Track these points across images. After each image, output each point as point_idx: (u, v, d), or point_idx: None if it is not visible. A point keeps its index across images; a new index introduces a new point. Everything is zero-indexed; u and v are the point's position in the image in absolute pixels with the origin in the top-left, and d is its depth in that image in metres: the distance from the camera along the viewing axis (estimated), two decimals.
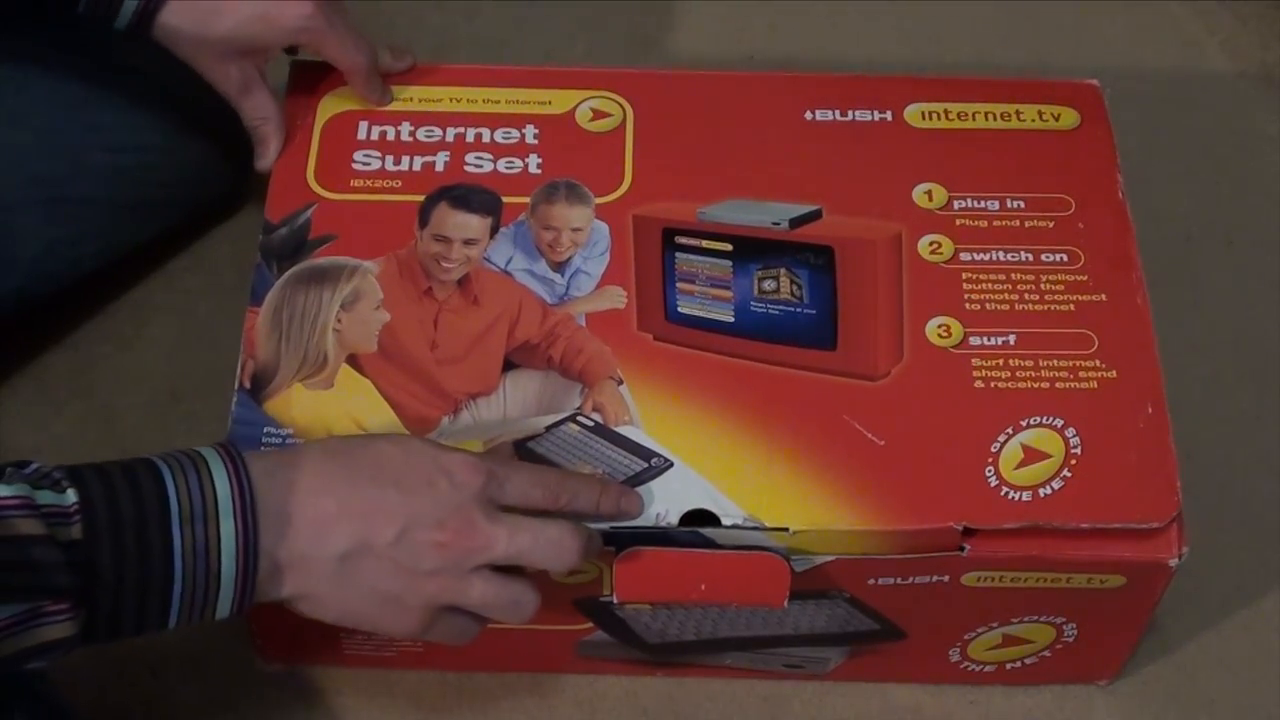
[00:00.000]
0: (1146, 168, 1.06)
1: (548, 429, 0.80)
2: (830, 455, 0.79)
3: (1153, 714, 0.90)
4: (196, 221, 1.05)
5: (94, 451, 0.70)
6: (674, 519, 0.76)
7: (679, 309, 0.84)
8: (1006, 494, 0.78)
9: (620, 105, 0.91)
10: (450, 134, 0.90)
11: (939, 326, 0.83)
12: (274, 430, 0.79)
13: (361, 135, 0.90)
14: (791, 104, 0.91)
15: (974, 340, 0.83)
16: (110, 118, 0.95)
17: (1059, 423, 0.80)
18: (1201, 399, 0.99)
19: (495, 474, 0.72)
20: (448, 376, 0.82)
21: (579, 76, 0.93)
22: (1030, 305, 0.84)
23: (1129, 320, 0.83)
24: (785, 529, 0.76)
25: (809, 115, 0.91)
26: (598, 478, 0.77)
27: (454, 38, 1.17)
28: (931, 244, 0.86)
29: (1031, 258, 0.85)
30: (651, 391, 0.81)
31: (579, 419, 0.80)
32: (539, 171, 0.89)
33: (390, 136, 0.90)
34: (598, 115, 0.91)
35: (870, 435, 0.79)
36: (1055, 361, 0.82)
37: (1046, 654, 0.86)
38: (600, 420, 0.80)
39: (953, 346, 0.82)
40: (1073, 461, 0.79)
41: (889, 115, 0.91)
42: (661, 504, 0.77)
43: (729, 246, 0.85)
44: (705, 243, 0.85)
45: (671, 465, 0.78)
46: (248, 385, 0.81)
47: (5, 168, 0.91)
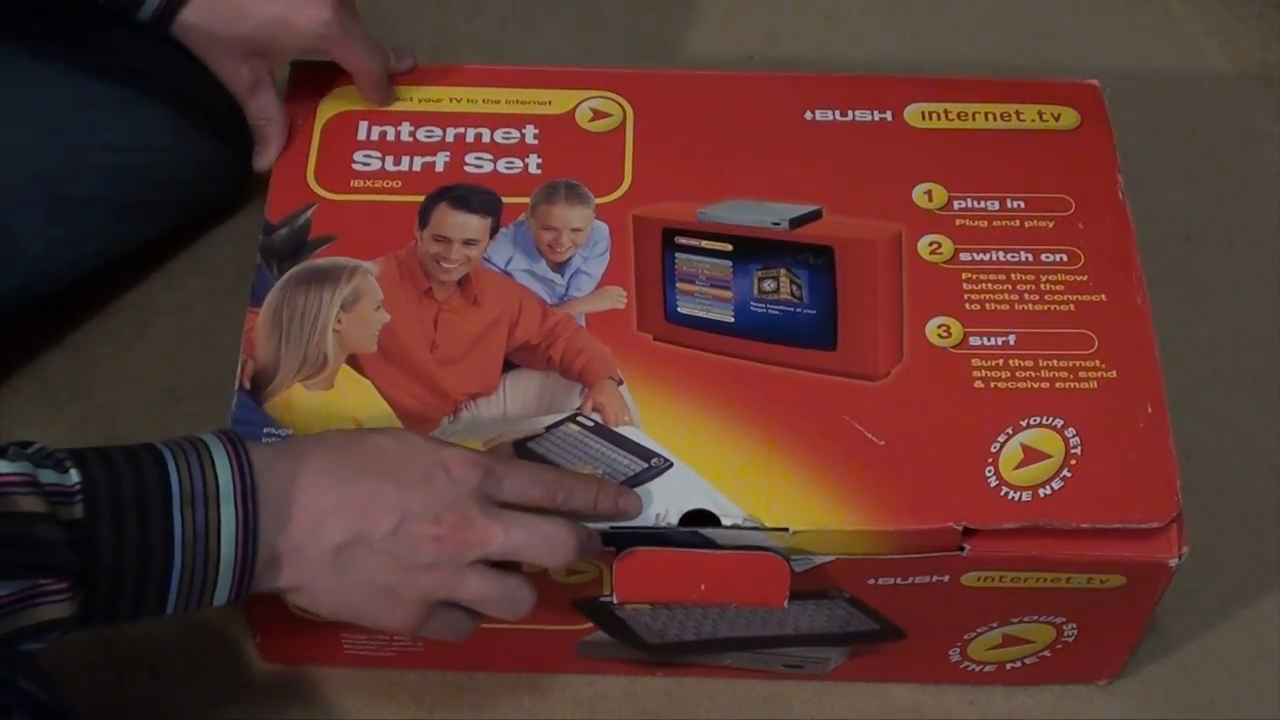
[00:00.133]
0: (1146, 168, 1.06)
1: (548, 429, 0.80)
2: (830, 455, 0.79)
3: (1153, 714, 0.90)
4: (196, 221, 1.05)
5: None
6: (674, 519, 0.76)
7: (679, 309, 0.84)
8: (1006, 494, 0.78)
9: (620, 105, 0.91)
10: (450, 134, 0.90)
11: (939, 326, 0.83)
12: (274, 431, 0.79)
13: (361, 135, 0.90)
14: (791, 104, 0.91)
15: (974, 340, 0.83)
16: (110, 118, 0.95)
17: (1059, 423, 0.80)
18: (1201, 399, 0.99)
19: (493, 470, 0.72)
20: (448, 377, 0.82)
21: (579, 76, 0.93)
22: (1030, 305, 0.84)
23: (1129, 320, 0.83)
24: (785, 529, 0.76)
25: (809, 115, 0.91)
26: (596, 477, 0.77)
27: (454, 38, 1.17)
28: (931, 244, 0.86)
29: (1031, 258, 0.85)
30: (651, 392, 0.81)
31: (579, 419, 0.80)
32: (539, 172, 0.89)
33: (390, 137, 0.90)
34: (598, 115, 0.91)
35: (870, 435, 0.79)
36: (1055, 361, 0.82)
37: (1046, 654, 0.86)
38: (600, 420, 0.80)
39: (953, 346, 0.82)
40: (1073, 461, 0.79)
41: (889, 115, 0.91)
42: (661, 504, 0.77)
43: (729, 247, 0.85)
44: (705, 243, 0.85)
45: (671, 465, 0.78)
46: (248, 386, 0.81)
47: (5, 168, 0.91)
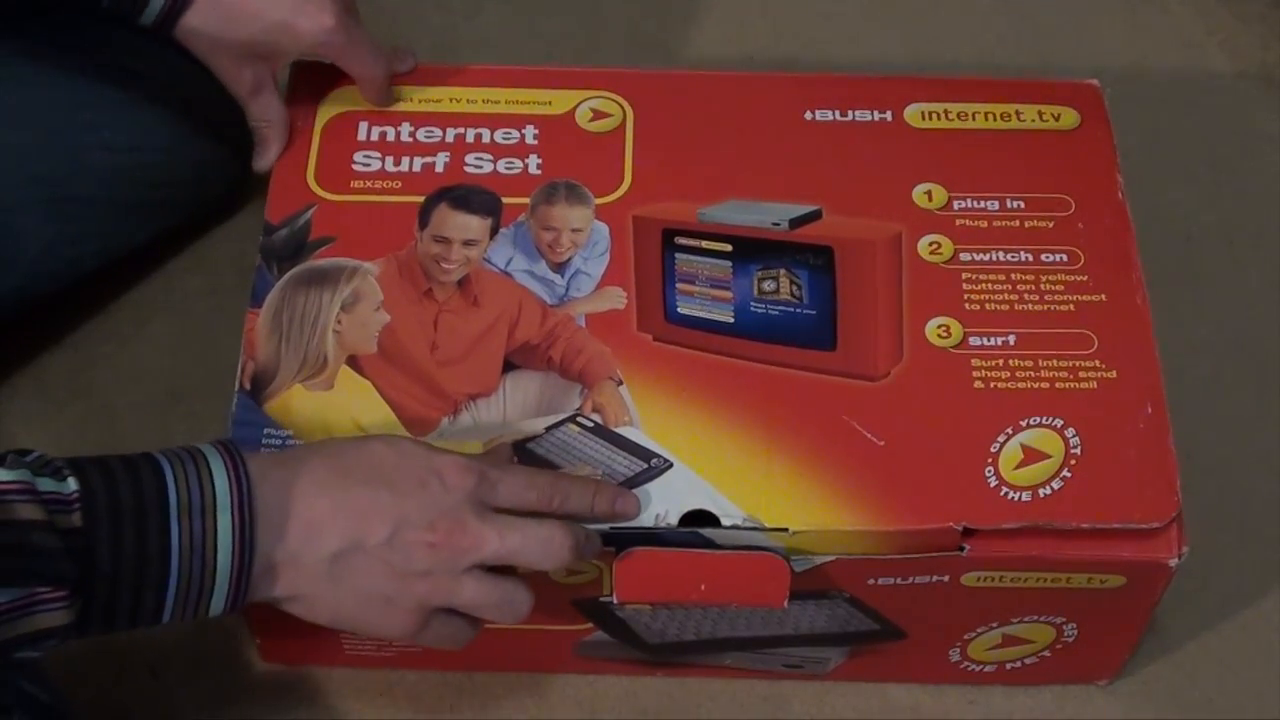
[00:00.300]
0: (1146, 168, 1.06)
1: (547, 430, 0.80)
2: (830, 455, 0.79)
3: (1153, 714, 0.90)
4: (196, 221, 1.05)
5: (94, 451, 0.70)
6: (674, 520, 0.76)
7: (679, 309, 0.84)
8: (1006, 494, 0.78)
9: (620, 105, 0.91)
10: (450, 134, 0.90)
11: (939, 327, 0.83)
12: (274, 431, 0.79)
13: (361, 136, 0.90)
14: (791, 104, 0.91)
15: (974, 340, 0.83)
16: (110, 118, 0.95)
17: (1059, 423, 0.80)
18: (1201, 399, 0.99)
19: (487, 476, 0.72)
20: (448, 378, 0.82)
21: (579, 76, 0.93)
22: (1030, 305, 0.84)
23: (1129, 320, 0.83)
24: (785, 529, 0.76)
25: (809, 115, 0.91)
26: (592, 480, 0.77)
27: (454, 38, 1.17)
28: (931, 244, 0.86)
29: (1031, 258, 0.85)
30: (651, 392, 0.81)
31: (579, 420, 0.80)
32: (539, 172, 0.89)
33: (390, 137, 0.90)
34: (598, 115, 0.91)
35: (870, 435, 0.79)
36: (1055, 361, 0.82)
37: (1046, 654, 0.86)
38: (600, 421, 0.80)
39: (952, 347, 0.82)
40: (1072, 462, 0.79)
41: (889, 115, 0.91)
42: (661, 505, 0.77)
43: (729, 247, 0.85)
44: (705, 243, 0.85)
45: (671, 466, 0.78)
46: (248, 386, 0.81)
47: (5, 168, 0.91)
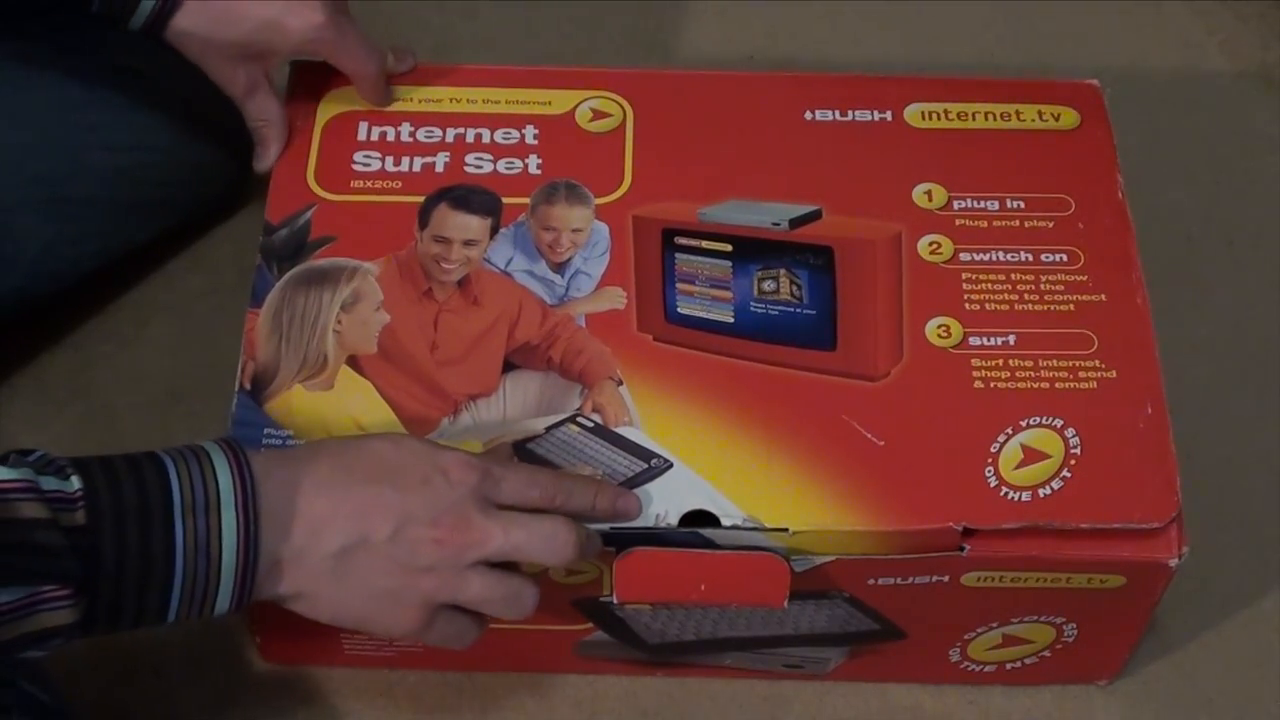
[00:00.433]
0: (1146, 168, 1.06)
1: (547, 430, 0.80)
2: (830, 455, 0.79)
3: (1153, 714, 0.90)
4: (196, 221, 1.05)
5: (94, 452, 0.70)
6: (674, 520, 0.76)
7: (679, 310, 0.84)
8: (1006, 494, 0.78)
9: (620, 105, 0.91)
10: (450, 134, 0.90)
11: (939, 327, 0.83)
12: (274, 431, 0.79)
13: (362, 136, 0.90)
14: (791, 104, 0.91)
15: (974, 340, 0.83)
16: (110, 118, 0.95)
17: (1059, 423, 0.80)
18: (1201, 399, 0.99)
19: (490, 472, 0.72)
20: (448, 377, 0.82)
21: (579, 76, 0.93)
22: (1030, 305, 0.84)
23: (1129, 320, 0.83)
24: (785, 529, 0.76)
25: (809, 115, 0.91)
26: (594, 478, 0.77)
27: (454, 38, 1.17)
28: (931, 244, 0.86)
29: (1031, 258, 0.85)
30: (651, 392, 0.81)
31: (579, 420, 0.80)
32: (539, 172, 0.89)
33: (390, 137, 0.90)
34: (598, 115, 0.91)
35: (870, 435, 0.79)
36: (1055, 362, 0.82)
37: (1046, 654, 0.86)
38: (600, 421, 0.80)
39: (952, 347, 0.82)
40: (1072, 462, 0.79)
41: (889, 115, 0.91)
42: (661, 505, 0.77)
43: (729, 247, 0.85)
44: (705, 243, 0.85)
45: (671, 466, 0.78)
46: (248, 386, 0.81)
47: (5, 168, 0.91)
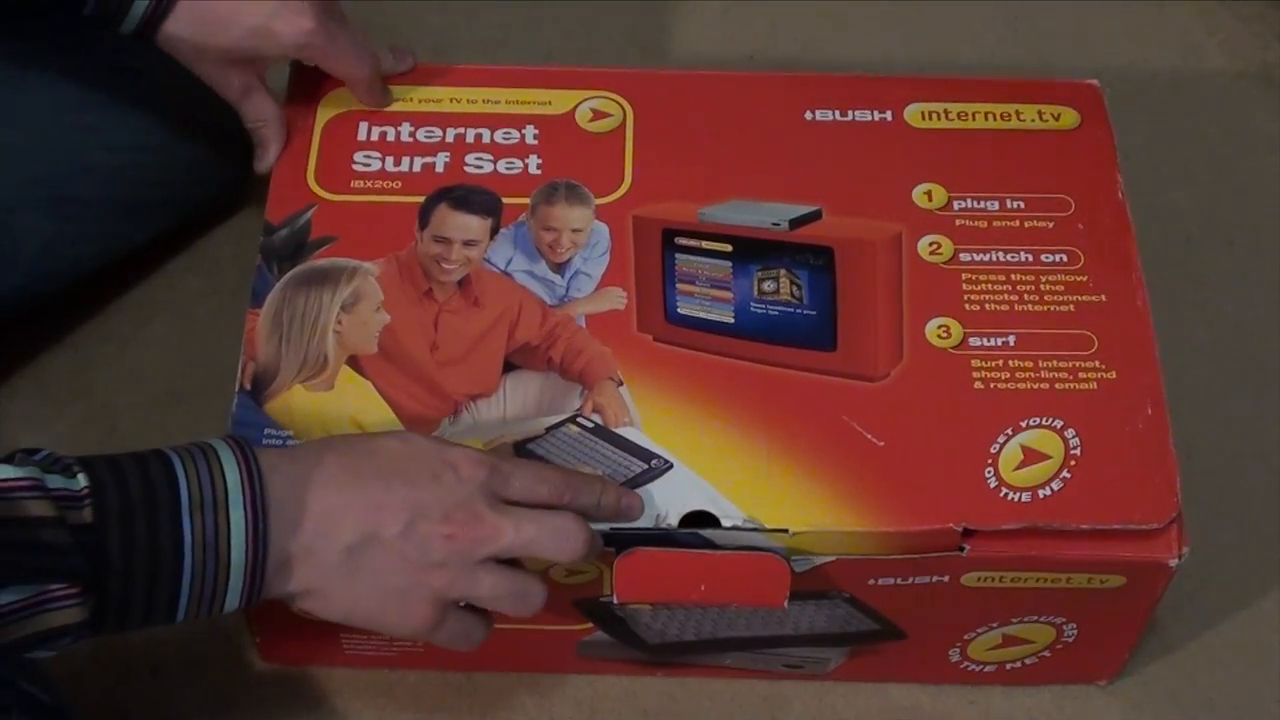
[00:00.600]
0: (1146, 168, 1.06)
1: (548, 430, 0.80)
2: (830, 456, 0.79)
3: (1153, 714, 0.90)
4: (197, 221, 1.05)
5: (94, 452, 0.70)
6: (674, 520, 0.76)
7: (679, 310, 0.84)
8: (1006, 495, 0.78)
9: (620, 105, 0.91)
10: (450, 135, 0.90)
11: (939, 327, 0.83)
12: (274, 431, 0.79)
13: (362, 136, 0.90)
14: (791, 104, 0.91)
15: (974, 341, 0.83)
16: (110, 118, 0.95)
17: (1058, 423, 0.80)
18: (1201, 399, 0.99)
19: (499, 468, 0.73)
20: (448, 378, 0.82)
21: (579, 76, 0.93)
22: (1030, 306, 0.84)
23: (1129, 320, 0.83)
24: (785, 530, 0.76)
25: (809, 115, 0.91)
26: (600, 477, 0.77)
27: (454, 38, 1.17)
28: (931, 244, 0.86)
29: (1031, 258, 0.85)
30: (651, 393, 0.81)
31: (579, 420, 0.80)
32: (539, 172, 0.89)
33: (390, 137, 0.90)
34: (598, 115, 0.91)
35: (870, 436, 0.79)
36: (1055, 362, 0.82)
37: (1046, 654, 0.86)
38: (600, 421, 0.80)
39: (952, 347, 0.82)
40: (1072, 462, 0.79)
41: (889, 115, 0.91)
42: (661, 505, 0.77)
43: (729, 247, 0.85)
44: (705, 243, 0.85)
45: (671, 466, 0.78)
46: (248, 386, 0.81)
47: (5, 168, 0.91)
